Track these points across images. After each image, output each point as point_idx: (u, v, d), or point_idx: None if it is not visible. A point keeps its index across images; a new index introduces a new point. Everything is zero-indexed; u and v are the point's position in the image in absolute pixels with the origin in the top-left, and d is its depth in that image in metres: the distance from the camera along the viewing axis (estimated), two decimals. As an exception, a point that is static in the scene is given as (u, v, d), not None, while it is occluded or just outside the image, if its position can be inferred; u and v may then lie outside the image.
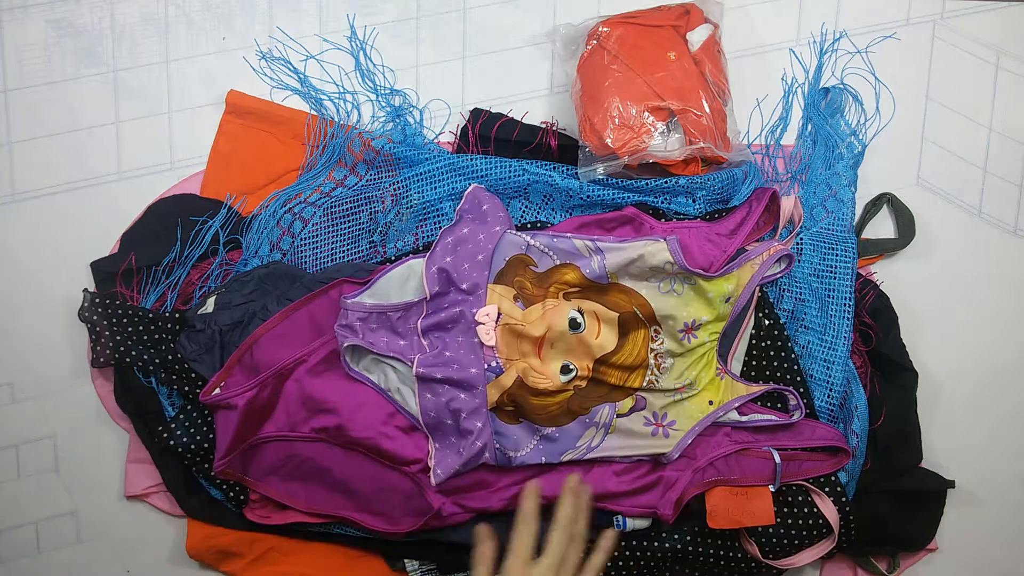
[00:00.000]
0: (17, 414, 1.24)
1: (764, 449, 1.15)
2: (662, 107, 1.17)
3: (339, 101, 1.25)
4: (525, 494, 1.05)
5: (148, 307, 1.19)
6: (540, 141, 1.22)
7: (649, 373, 1.15)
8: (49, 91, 1.25)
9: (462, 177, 1.21)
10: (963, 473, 1.22)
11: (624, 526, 1.14)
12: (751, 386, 1.17)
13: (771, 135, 1.26)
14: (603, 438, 1.14)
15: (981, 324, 1.26)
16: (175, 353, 1.17)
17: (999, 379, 1.25)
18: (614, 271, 1.14)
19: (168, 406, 1.19)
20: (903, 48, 1.27)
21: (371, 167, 1.23)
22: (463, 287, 1.13)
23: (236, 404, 1.13)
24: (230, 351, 1.17)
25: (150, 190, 1.24)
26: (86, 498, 1.24)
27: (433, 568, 1.20)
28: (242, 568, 1.21)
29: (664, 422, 1.15)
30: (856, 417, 1.16)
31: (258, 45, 1.26)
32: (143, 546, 1.24)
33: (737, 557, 1.15)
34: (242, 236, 1.21)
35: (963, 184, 1.26)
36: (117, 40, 1.26)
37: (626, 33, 1.19)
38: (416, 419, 1.13)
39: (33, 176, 1.24)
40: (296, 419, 1.15)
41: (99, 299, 1.17)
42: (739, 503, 1.13)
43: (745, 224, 1.19)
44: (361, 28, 1.26)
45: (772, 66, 1.27)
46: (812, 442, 1.16)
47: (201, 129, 1.25)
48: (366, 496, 1.15)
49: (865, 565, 1.21)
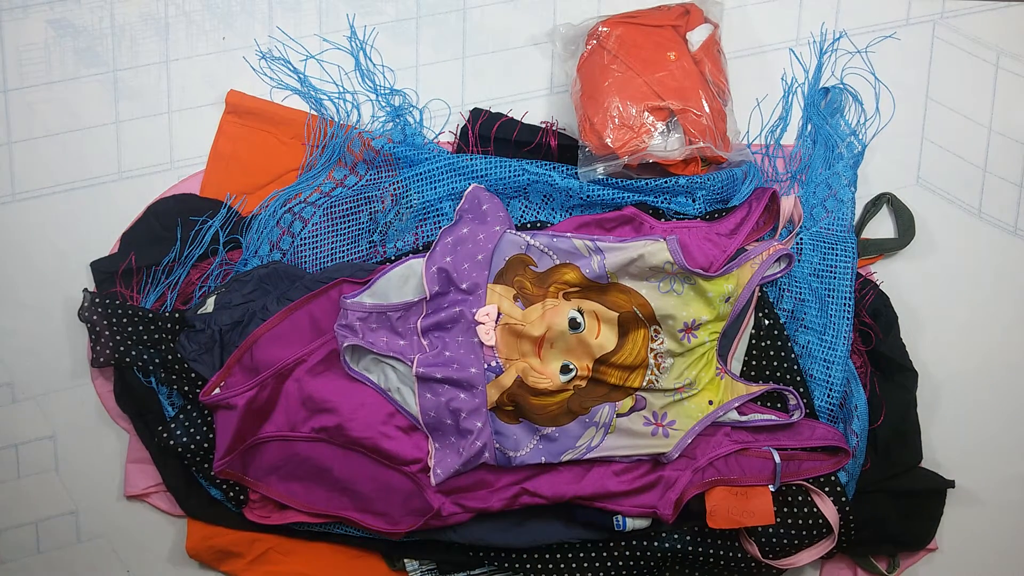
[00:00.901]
0: (17, 414, 1.24)
1: (764, 449, 1.15)
2: (662, 107, 1.17)
3: (339, 101, 1.25)
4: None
5: (148, 307, 1.19)
6: (540, 141, 1.22)
7: (649, 373, 1.15)
8: (49, 91, 1.25)
9: (462, 177, 1.21)
10: (963, 473, 1.22)
11: (624, 526, 1.14)
12: (751, 386, 1.16)
13: (771, 135, 1.26)
14: (603, 438, 1.14)
15: (981, 324, 1.25)
16: (175, 353, 1.17)
17: (999, 379, 1.25)
18: (614, 271, 1.14)
19: (168, 406, 1.19)
20: (903, 48, 1.27)
21: (371, 167, 1.23)
22: (463, 287, 1.13)
23: (236, 404, 1.13)
24: (230, 351, 1.17)
25: (150, 190, 1.24)
26: (86, 498, 1.24)
27: (433, 568, 1.20)
28: (242, 568, 1.21)
29: (664, 422, 1.15)
30: (856, 417, 1.16)
31: (258, 45, 1.26)
32: (143, 546, 1.24)
33: (737, 557, 1.15)
34: (242, 236, 1.21)
35: (963, 184, 1.26)
36: (117, 40, 1.26)
37: (626, 33, 1.19)
38: (416, 419, 1.13)
39: (33, 176, 1.24)
40: (296, 419, 1.15)
41: (99, 299, 1.17)
42: (739, 503, 1.13)
43: (745, 224, 1.19)
44: (361, 28, 1.26)
45: (772, 66, 1.27)
46: (812, 442, 1.16)
47: (201, 129, 1.25)
48: (366, 496, 1.15)
49: (865, 565, 1.21)
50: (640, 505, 1.14)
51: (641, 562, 1.16)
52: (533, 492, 1.14)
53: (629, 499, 1.14)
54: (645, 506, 1.14)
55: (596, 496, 1.13)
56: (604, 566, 1.16)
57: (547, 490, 1.13)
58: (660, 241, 1.14)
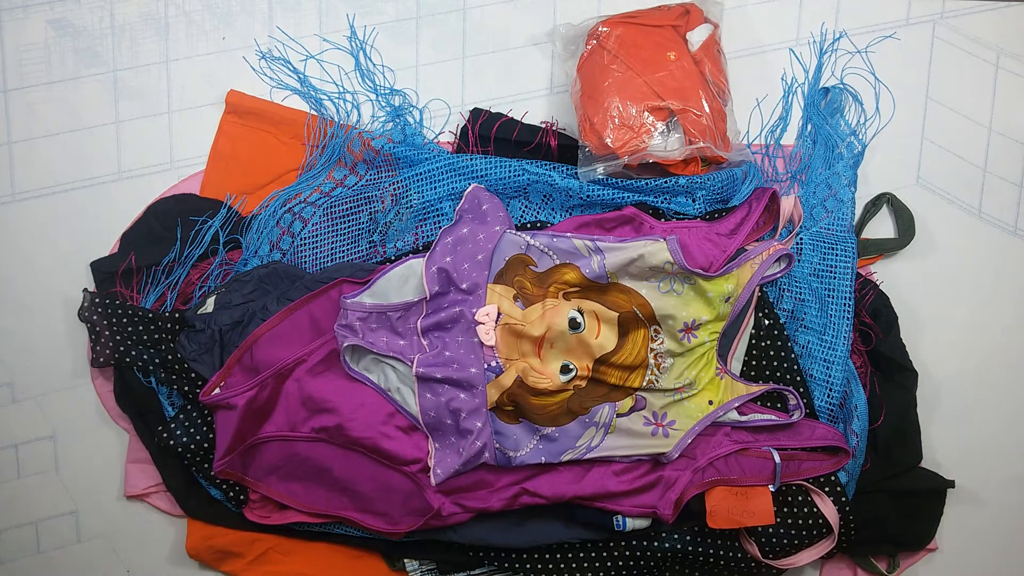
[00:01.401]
0: (17, 414, 1.24)
1: (764, 449, 1.15)
2: (662, 107, 1.17)
3: (339, 101, 1.25)
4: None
5: (148, 307, 1.19)
6: (540, 141, 1.22)
7: (649, 373, 1.15)
8: (49, 91, 1.25)
9: (462, 177, 1.21)
10: (963, 473, 1.22)
11: (624, 526, 1.14)
12: (751, 386, 1.16)
13: (771, 135, 1.26)
14: (603, 438, 1.14)
15: (981, 324, 1.25)
16: (175, 353, 1.17)
17: (999, 379, 1.25)
18: (614, 271, 1.14)
19: (168, 406, 1.19)
20: (903, 48, 1.27)
21: (371, 167, 1.23)
22: (463, 287, 1.13)
23: (236, 404, 1.13)
24: (230, 351, 1.17)
25: (150, 190, 1.24)
26: (86, 498, 1.24)
27: (433, 568, 1.20)
28: (242, 568, 1.21)
29: (664, 422, 1.15)
30: (856, 417, 1.16)
31: (258, 45, 1.26)
32: (143, 546, 1.24)
33: (737, 557, 1.15)
34: (242, 236, 1.21)
35: (963, 184, 1.26)
36: (117, 40, 1.26)
37: (626, 33, 1.19)
38: (416, 419, 1.13)
39: (33, 176, 1.24)
40: (296, 419, 1.15)
41: (99, 299, 1.17)
42: (739, 503, 1.13)
43: (745, 224, 1.19)
44: (361, 28, 1.26)
45: (772, 66, 1.27)
46: (812, 442, 1.16)
47: (201, 129, 1.25)
48: (366, 496, 1.15)
49: (865, 565, 1.21)
50: (640, 505, 1.14)
51: (641, 562, 1.16)
52: (533, 492, 1.14)
53: (629, 499, 1.14)
54: (645, 506, 1.14)
55: (596, 496, 1.13)
56: (604, 566, 1.16)
57: (547, 490, 1.13)
58: (660, 241, 1.14)
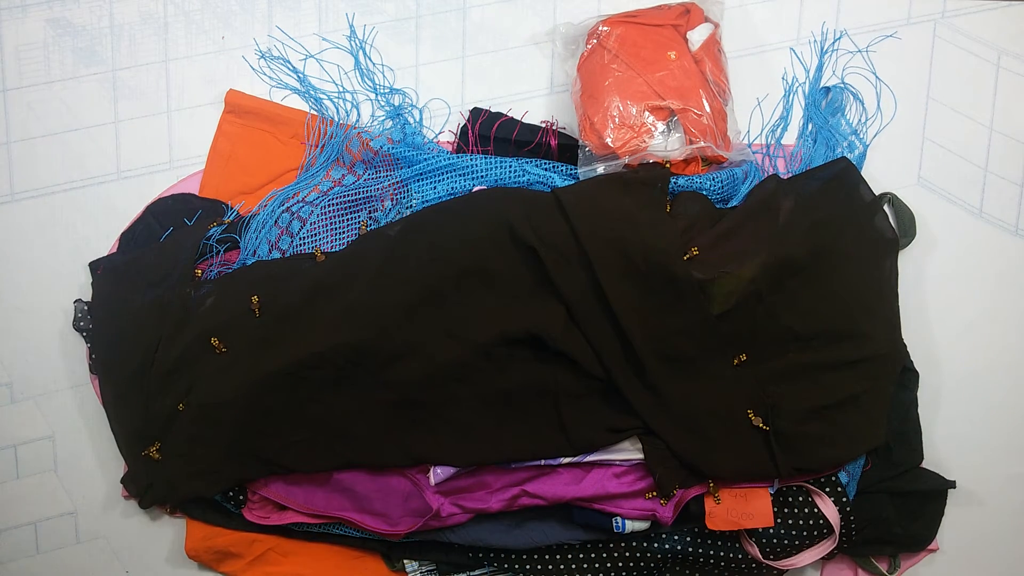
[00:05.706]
0: (17, 414, 1.24)
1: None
2: (662, 106, 1.16)
3: (338, 100, 1.25)
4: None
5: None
6: (540, 141, 1.22)
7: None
8: (48, 90, 1.25)
9: (462, 177, 1.21)
10: (964, 473, 1.22)
11: (623, 528, 1.14)
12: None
13: (771, 134, 1.25)
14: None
15: (981, 324, 1.25)
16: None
17: (1000, 379, 1.25)
18: None
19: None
20: (904, 47, 1.27)
21: (369, 166, 1.23)
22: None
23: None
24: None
25: (149, 190, 1.24)
26: (85, 498, 1.24)
27: (432, 569, 1.20)
28: (241, 568, 1.21)
29: (664, 422, 1.15)
30: (856, 417, 1.16)
31: (257, 44, 1.26)
32: (142, 546, 1.24)
33: (737, 558, 1.15)
34: (240, 236, 1.21)
35: (964, 184, 1.26)
36: (116, 39, 1.25)
37: (626, 32, 1.19)
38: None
39: (32, 176, 1.24)
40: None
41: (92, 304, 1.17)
42: (738, 505, 1.12)
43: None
44: (360, 27, 1.26)
45: (772, 65, 1.26)
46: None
47: (200, 129, 1.25)
48: (365, 497, 1.15)
49: (866, 565, 1.21)
50: (640, 507, 1.14)
51: (641, 563, 1.16)
52: (532, 493, 1.13)
53: (629, 501, 1.14)
54: (645, 508, 1.14)
55: (596, 498, 1.13)
56: (603, 567, 1.16)
57: (546, 491, 1.13)
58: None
